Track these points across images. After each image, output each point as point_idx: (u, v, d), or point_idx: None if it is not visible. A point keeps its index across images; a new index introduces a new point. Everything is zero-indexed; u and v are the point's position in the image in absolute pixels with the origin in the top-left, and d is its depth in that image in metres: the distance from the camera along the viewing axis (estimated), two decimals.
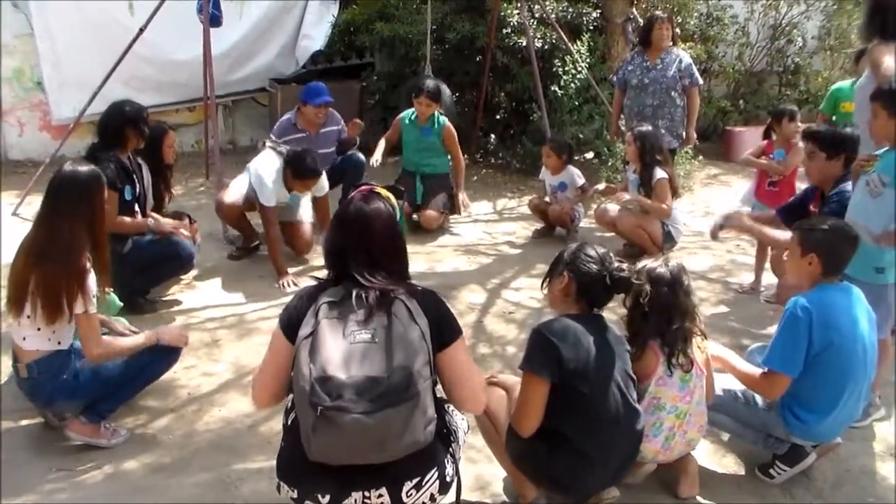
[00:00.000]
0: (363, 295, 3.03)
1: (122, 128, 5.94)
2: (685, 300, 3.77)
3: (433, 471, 3.08)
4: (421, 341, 2.98)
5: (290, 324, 3.11)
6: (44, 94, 10.38)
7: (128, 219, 5.88)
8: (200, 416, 4.65)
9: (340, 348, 2.91)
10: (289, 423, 3.20)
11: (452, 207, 8.34)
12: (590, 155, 10.45)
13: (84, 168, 4.32)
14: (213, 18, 8.17)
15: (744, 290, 6.75)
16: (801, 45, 12.98)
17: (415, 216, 8.10)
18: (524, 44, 10.08)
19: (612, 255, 3.68)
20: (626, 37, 10.48)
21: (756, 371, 4.05)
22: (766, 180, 6.83)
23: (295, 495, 3.06)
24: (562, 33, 9.88)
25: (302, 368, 2.90)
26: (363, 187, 3.35)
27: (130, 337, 4.52)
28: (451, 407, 3.33)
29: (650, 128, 7.34)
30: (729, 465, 4.28)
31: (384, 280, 3.09)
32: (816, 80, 12.94)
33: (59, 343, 4.18)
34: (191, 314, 6.02)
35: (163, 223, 6.05)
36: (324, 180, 7.12)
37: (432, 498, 3.10)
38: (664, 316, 3.73)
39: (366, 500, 2.98)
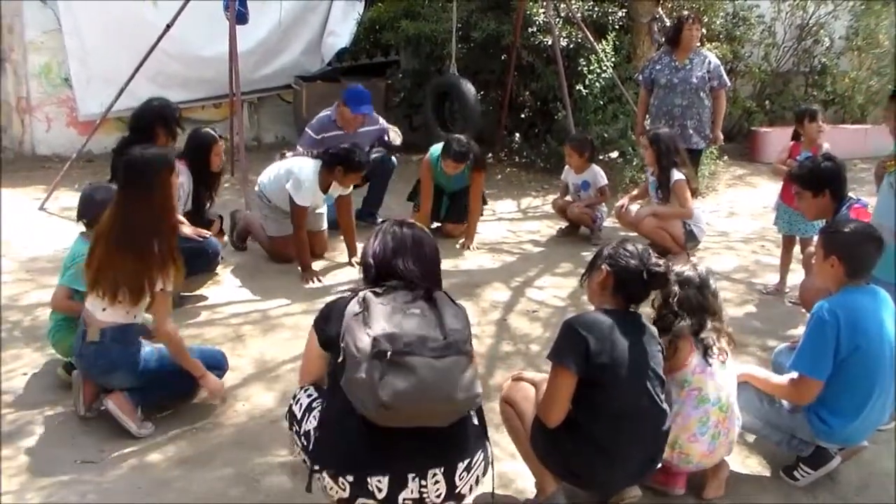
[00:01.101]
0: (407, 286, 3.19)
1: (152, 124, 5.99)
2: (713, 302, 3.84)
3: (479, 452, 3.18)
4: (464, 319, 3.18)
5: (328, 329, 3.22)
6: (71, 90, 10.45)
7: None
8: (224, 411, 4.66)
9: (395, 316, 3.03)
10: (315, 422, 3.22)
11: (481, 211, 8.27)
12: (614, 154, 10.43)
13: (151, 151, 4.53)
14: (239, 15, 8.21)
15: (768, 290, 6.70)
16: (827, 45, 12.91)
17: (434, 223, 7.96)
18: (549, 43, 10.07)
19: (651, 251, 3.69)
20: (651, 36, 10.44)
21: (784, 380, 4.02)
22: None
23: (350, 481, 3.04)
24: (587, 32, 9.86)
25: (356, 334, 2.98)
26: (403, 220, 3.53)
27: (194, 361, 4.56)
28: None
29: (666, 129, 7.33)
30: (753, 466, 4.25)
31: (426, 283, 3.25)
32: (843, 80, 12.87)
33: (134, 317, 4.39)
34: (215, 309, 6.04)
35: (181, 230, 5.99)
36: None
37: (477, 482, 3.19)
38: (696, 316, 3.78)
39: (423, 488, 3.05)
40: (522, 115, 11.28)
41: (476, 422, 3.22)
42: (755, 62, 12.63)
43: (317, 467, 3.12)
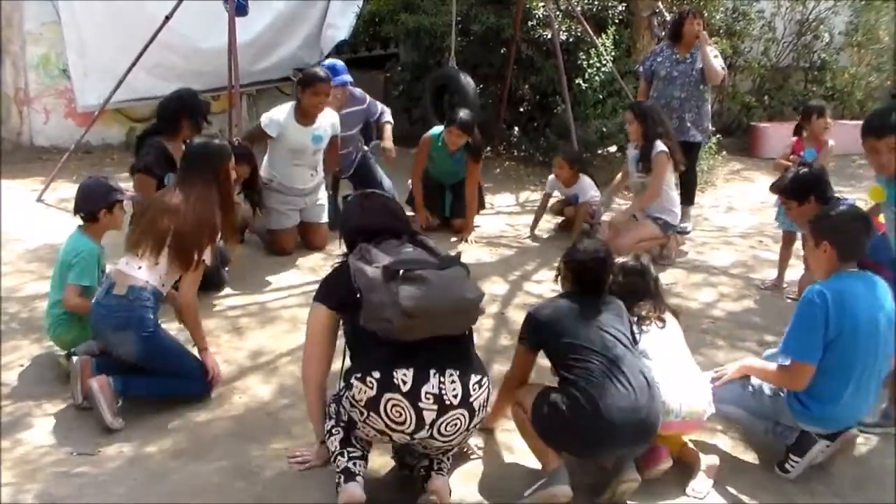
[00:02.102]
0: (395, 236, 3.73)
1: (178, 115, 6.02)
2: (654, 286, 4.41)
3: (486, 378, 3.53)
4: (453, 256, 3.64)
5: (329, 291, 3.72)
6: (69, 81, 10.41)
7: None
8: (221, 403, 4.66)
9: (390, 253, 3.55)
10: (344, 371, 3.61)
11: (482, 205, 8.29)
12: (613, 148, 10.41)
13: (213, 142, 4.94)
14: (238, 7, 8.17)
15: (766, 286, 6.70)
16: (827, 40, 12.91)
17: (437, 221, 7.95)
18: (549, 36, 10.06)
19: (600, 245, 4.23)
20: (651, 30, 10.43)
21: (777, 366, 4.08)
22: None
23: (377, 378, 3.36)
24: (587, 26, 9.85)
25: (366, 269, 3.44)
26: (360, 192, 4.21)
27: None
28: None
29: (648, 102, 7.32)
30: (750, 463, 4.25)
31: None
32: (843, 76, 12.88)
33: (162, 286, 4.58)
34: (213, 301, 6.03)
35: None
36: (334, 116, 7.19)
37: (484, 405, 3.53)
38: (640, 298, 4.28)
39: (441, 384, 3.36)
40: (521, 109, 11.27)
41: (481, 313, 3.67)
42: (755, 57, 12.62)
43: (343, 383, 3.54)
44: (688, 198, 8.04)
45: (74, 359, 4.50)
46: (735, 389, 4.20)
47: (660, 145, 7.00)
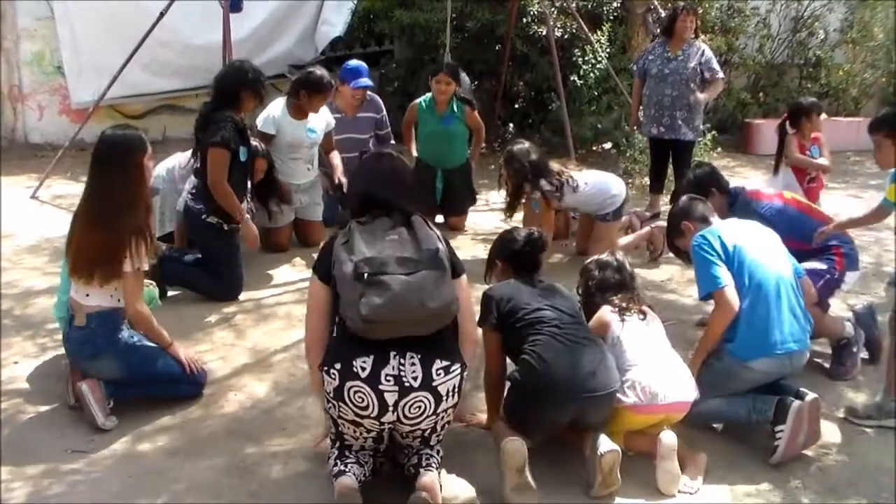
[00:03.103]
0: (389, 214, 3.68)
1: (237, 89, 5.92)
2: (630, 280, 4.47)
3: (458, 365, 3.56)
4: (438, 241, 3.64)
5: (325, 267, 3.65)
6: (63, 78, 10.41)
7: (232, 193, 5.81)
8: (216, 400, 4.65)
9: (374, 243, 3.53)
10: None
11: (473, 199, 8.27)
12: (608, 146, 10.42)
13: (125, 132, 4.51)
14: (233, 4, 8.17)
15: None
16: (822, 37, 12.93)
17: (438, 218, 7.85)
18: (544, 33, 10.05)
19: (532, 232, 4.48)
20: (646, 27, 10.44)
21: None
22: (806, 177, 7.12)
23: (338, 368, 3.47)
24: (582, 23, 9.86)
25: (343, 260, 3.48)
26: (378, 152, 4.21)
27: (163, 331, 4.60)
28: None
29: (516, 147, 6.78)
30: (743, 459, 4.24)
31: (408, 207, 3.76)
32: (837, 73, 12.88)
33: (118, 301, 4.36)
34: (207, 299, 6.01)
35: (249, 227, 6.01)
36: (327, 114, 7.17)
37: (453, 391, 3.56)
38: (615, 292, 4.37)
39: (401, 366, 3.43)
40: (516, 106, 11.27)
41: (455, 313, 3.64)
42: (750, 54, 12.63)
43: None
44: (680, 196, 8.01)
45: (64, 361, 4.49)
46: (701, 387, 4.29)
47: (537, 193, 6.57)
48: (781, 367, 4.25)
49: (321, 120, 7.06)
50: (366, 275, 3.38)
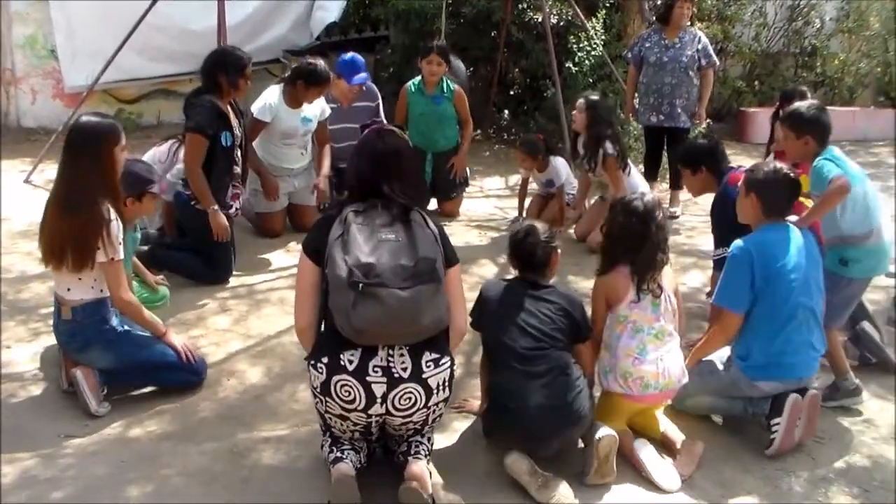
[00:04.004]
0: (386, 205, 3.54)
1: (213, 73, 5.89)
2: (657, 232, 4.09)
3: (447, 358, 3.55)
4: (435, 245, 3.52)
5: (315, 245, 3.56)
6: (56, 62, 10.36)
7: (203, 179, 5.80)
8: (209, 386, 4.64)
9: (370, 243, 3.40)
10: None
11: (465, 182, 8.24)
12: None
13: (97, 119, 4.41)
14: None
15: None
16: (818, 26, 12.91)
17: (431, 203, 7.85)
18: (540, 19, 10.03)
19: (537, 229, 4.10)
20: (642, 14, 10.43)
21: (710, 330, 4.44)
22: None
23: (325, 362, 3.44)
24: (577, 10, 9.84)
25: (337, 260, 3.36)
26: (375, 125, 3.89)
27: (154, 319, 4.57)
28: None
29: (597, 97, 7.25)
30: (737, 449, 4.25)
31: (407, 199, 3.59)
32: (833, 62, 12.88)
33: (101, 291, 4.31)
34: (200, 284, 6.01)
35: (219, 220, 5.90)
36: (322, 102, 7.16)
37: (444, 385, 3.54)
38: (634, 244, 4.07)
39: (390, 358, 3.41)
40: (512, 93, 11.26)
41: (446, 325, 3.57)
42: (746, 42, 12.61)
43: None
44: (676, 182, 8.03)
45: (56, 345, 4.48)
46: (693, 380, 4.29)
47: (609, 147, 6.83)
48: (787, 387, 4.17)
49: (316, 108, 7.05)
50: (361, 286, 3.29)
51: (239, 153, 6.09)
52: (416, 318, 3.36)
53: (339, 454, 3.58)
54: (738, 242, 4.18)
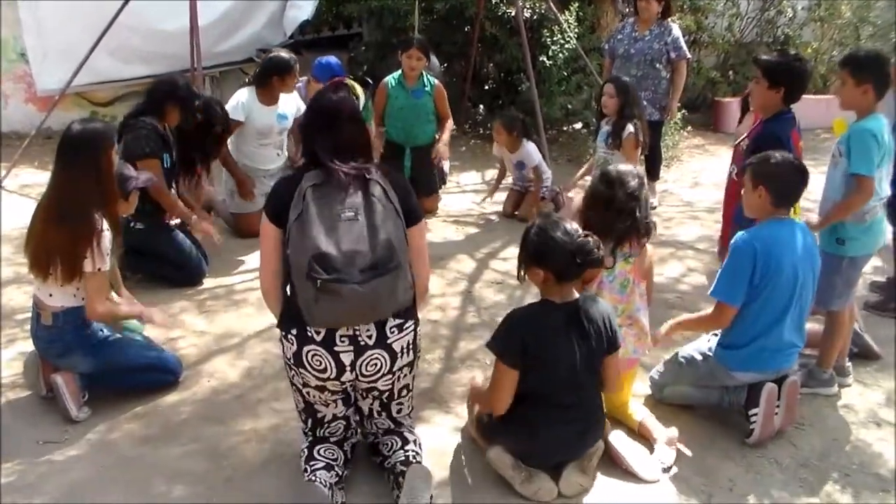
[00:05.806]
0: (343, 178, 3.41)
1: (164, 100, 5.89)
2: (625, 199, 4.07)
3: (411, 322, 3.57)
4: (397, 219, 3.44)
5: (276, 211, 3.48)
6: (27, 65, 10.27)
7: (176, 198, 5.86)
8: (188, 386, 4.64)
9: (329, 226, 3.31)
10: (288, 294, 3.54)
11: (442, 179, 8.25)
12: (578, 125, 10.43)
13: (92, 125, 4.38)
14: None
15: None
16: (791, 15, 12.94)
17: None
18: (513, 14, 10.03)
19: (576, 229, 3.67)
20: (615, 7, 10.44)
21: (704, 312, 4.38)
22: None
23: (294, 333, 3.46)
24: (551, 3, 9.83)
25: (297, 246, 3.31)
26: (336, 79, 3.58)
27: (127, 305, 4.64)
28: None
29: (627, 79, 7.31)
30: (717, 437, 4.28)
31: (354, 164, 3.47)
32: (806, 51, 12.91)
33: (82, 299, 4.26)
34: (179, 284, 5.99)
35: (203, 226, 5.99)
36: (297, 99, 7.21)
37: (407, 348, 3.57)
38: (599, 207, 4.11)
39: (356, 327, 3.42)
40: (486, 87, 11.26)
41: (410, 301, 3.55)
42: (719, 33, 12.65)
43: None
44: (653, 173, 8.05)
45: (32, 352, 4.47)
46: (671, 369, 4.37)
47: (630, 126, 6.94)
48: (765, 378, 4.18)
49: (291, 105, 7.05)
50: (319, 282, 3.22)
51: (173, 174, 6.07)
52: (376, 309, 3.38)
53: (311, 476, 3.56)
54: (742, 235, 4.11)
